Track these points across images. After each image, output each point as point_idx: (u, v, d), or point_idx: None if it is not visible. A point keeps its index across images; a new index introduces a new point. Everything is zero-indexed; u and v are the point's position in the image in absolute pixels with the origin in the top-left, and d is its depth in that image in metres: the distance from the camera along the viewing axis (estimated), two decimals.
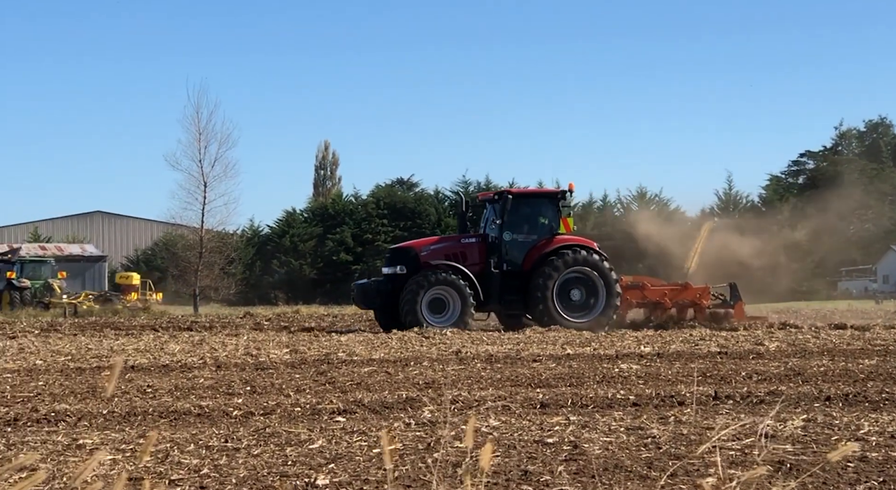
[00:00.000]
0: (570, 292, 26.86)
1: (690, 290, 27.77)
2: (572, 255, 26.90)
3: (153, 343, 21.16)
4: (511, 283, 27.15)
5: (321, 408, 10.82)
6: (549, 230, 27.63)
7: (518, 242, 27.58)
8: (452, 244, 28.02)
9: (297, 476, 7.17)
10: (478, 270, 27.04)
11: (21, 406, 11.11)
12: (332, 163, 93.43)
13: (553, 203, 27.87)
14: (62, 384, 13.33)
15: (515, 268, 27.29)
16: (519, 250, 27.51)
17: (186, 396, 12.03)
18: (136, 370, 15.27)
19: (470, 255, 27.43)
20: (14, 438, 8.87)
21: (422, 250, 27.42)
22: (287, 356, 17.54)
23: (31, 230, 74.06)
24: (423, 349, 18.86)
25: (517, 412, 10.39)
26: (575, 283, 26.94)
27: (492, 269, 27.05)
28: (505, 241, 27.38)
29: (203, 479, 7.08)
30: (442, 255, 27.24)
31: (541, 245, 27.33)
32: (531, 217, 28.00)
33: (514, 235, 27.55)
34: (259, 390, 12.61)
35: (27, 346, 20.65)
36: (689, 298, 27.62)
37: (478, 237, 27.95)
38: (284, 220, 75.44)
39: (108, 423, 9.92)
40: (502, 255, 27.30)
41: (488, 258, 27.20)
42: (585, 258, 26.97)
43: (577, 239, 28.19)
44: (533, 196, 28.91)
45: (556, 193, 28.19)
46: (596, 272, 26.89)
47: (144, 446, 3.70)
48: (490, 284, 26.96)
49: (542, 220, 27.85)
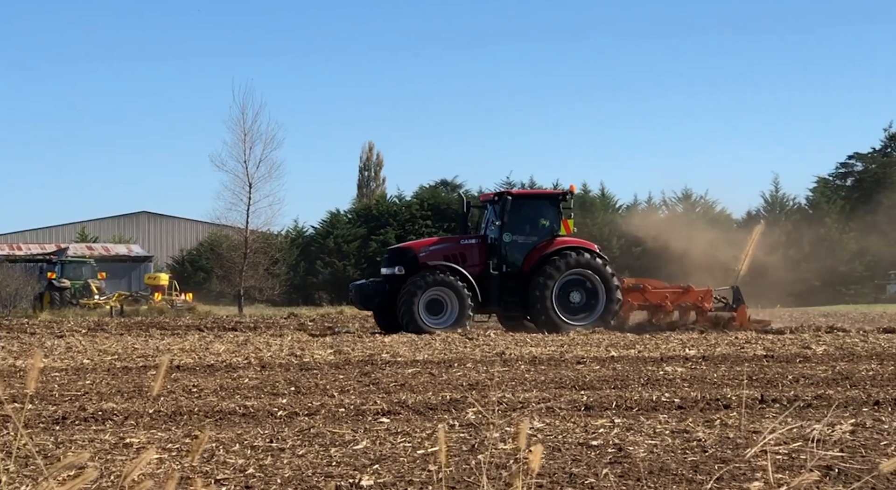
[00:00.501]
0: (570, 294, 26.63)
1: (692, 293, 27.53)
2: (572, 258, 26.67)
3: (198, 343, 21.29)
4: (511, 284, 26.89)
5: (365, 408, 10.83)
6: (549, 232, 27.35)
7: (518, 244, 27.29)
8: (452, 245, 27.77)
9: (342, 477, 7.18)
10: (477, 272, 26.80)
11: (69, 404, 11.21)
12: (377, 164, 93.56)
13: (554, 204, 27.64)
14: (109, 383, 13.44)
15: (515, 269, 27.03)
16: (519, 252, 27.23)
17: (231, 396, 12.09)
18: (181, 370, 15.37)
19: (470, 257, 27.19)
20: (62, 437, 8.95)
21: (420, 251, 27.24)
22: (331, 357, 17.59)
23: (78, 230, 74.74)
24: (467, 351, 18.85)
25: (561, 414, 10.36)
26: (575, 285, 26.70)
27: (491, 271, 26.80)
28: (505, 242, 27.10)
29: (248, 479, 7.11)
30: (441, 257, 26.98)
31: (541, 247, 27.06)
32: (531, 218, 27.71)
33: (514, 237, 27.25)
34: (303, 391, 12.65)
35: (75, 344, 20.85)
36: (691, 301, 27.40)
37: (478, 238, 27.69)
38: (328, 221, 75.62)
39: (154, 423, 9.99)
40: (502, 256, 27.05)
41: (488, 259, 26.97)
42: (586, 260, 26.73)
43: (578, 241, 27.92)
44: (533, 197, 28.74)
45: (557, 195, 28.00)
46: (596, 274, 26.65)
47: (195, 446, 3.72)
48: (489, 286, 26.72)
49: (543, 221, 27.57)
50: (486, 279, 26.77)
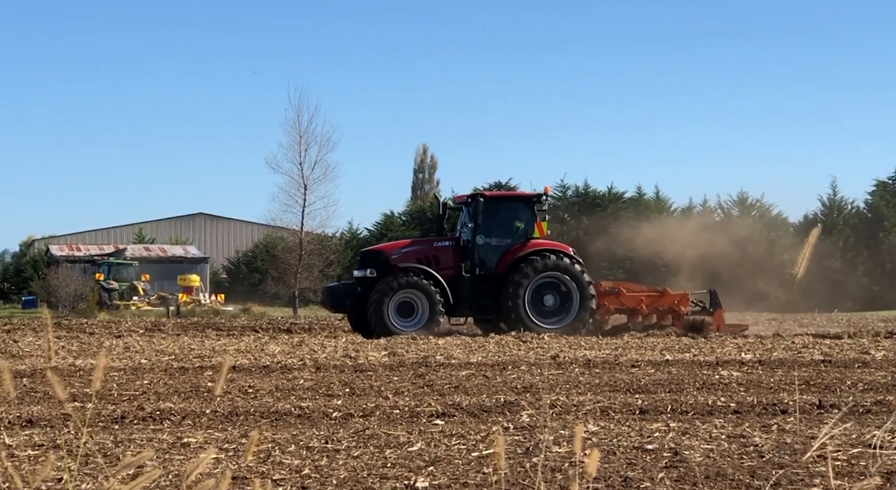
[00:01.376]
0: (544, 298, 26.34)
1: (668, 297, 27.36)
2: (545, 261, 26.37)
3: (253, 344, 21.45)
4: (484, 287, 26.60)
5: (420, 410, 10.86)
6: (523, 234, 27.04)
7: (491, 246, 26.98)
8: (425, 247, 27.51)
9: (397, 478, 7.20)
10: (451, 274, 26.54)
11: (127, 404, 11.34)
12: (431, 166, 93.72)
13: (528, 207, 27.33)
14: (166, 383, 13.58)
15: (489, 272, 26.75)
16: (492, 254, 26.94)
17: (287, 397, 12.17)
18: (237, 371, 15.49)
19: (443, 259, 26.93)
20: (121, 436, 9.05)
21: (392, 253, 27.05)
22: (385, 358, 17.64)
23: (136, 231, 75.57)
24: (521, 353, 18.84)
25: (616, 418, 10.32)
26: (548, 288, 26.40)
27: (463, 273, 26.54)
28: (478, 244, 26.81)
29: (304, 480, 7.16)
30: (413, 259, 26.75)
31: (514, 249, 26.76)
32: (505, 221, 27.37)
33: (487, 239, 26.92)
34: (358, 392, 12.70)
35: (132, 344, 21.09)
36: (667, 305, 27.17)
37: (452, 241, 27.44)
38: (383, 223, 75.83)
39: (211, 423, 10.07)
40: (475, 259, 26.77)
41: (462, 262, 26.72)
42: (558, 263, 26.42)
43: (552, 243, 27.69)
44: (507, 199, 28.41)
45: (531, 197, 27.68)
46: (569, 277, 26.33)
47: (249, 446, 3.75)
48: (462, 289, 26.43)
49: (517, 223, 27.26)
50: (459, 282, 26.47)
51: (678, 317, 26.83)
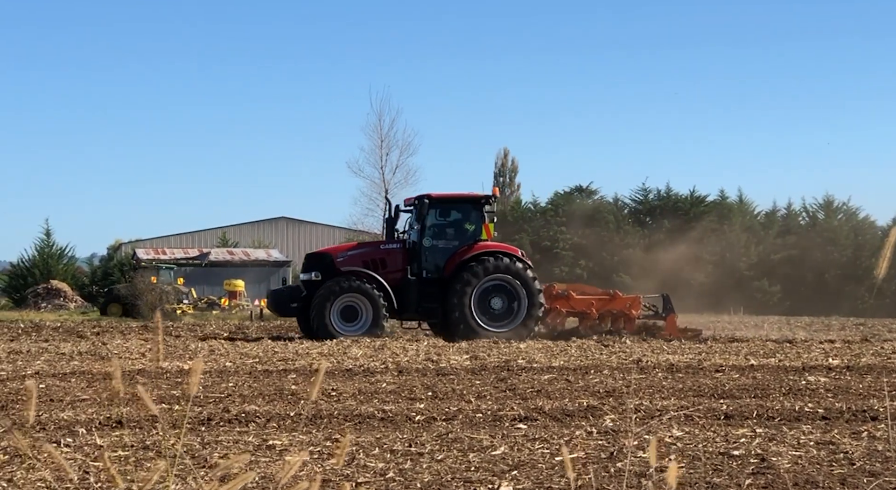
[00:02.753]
0: (491, 301, 25.84)
1: (619, 300, 26.95)
2: (493, 263, 25.87)
3: (336, 347, 21.58)
4: (430, 290, 26.07)
5: (502, 414, 10.85)
6: (471, 236, 26.57)
7: (439, 249, 26.51)
8: (371, 250, 27.08)
9: (481, 482, 7.20)
10: (399, 278, 26.11)
11: (213, 406, 11.48)
12: (511, 170, 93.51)
13: (476, 208, 26.79)
14: (251, 386, 13.72)
15: (436, 275, 26.27)
16: (440, 257, 26.46)
17: (370, 400, 12.23)
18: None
19: (391, 262, 26.46)
20: (208, 438, 9.17)
21: (338, 256, 26.56)
22: (467, 362, 17.65)
23: (220, 235, 76.56)
24: (603, 357, 18.73)
25: (701, 423, 10.21)
26: (495, 291, 25.90)
27: (409, 276, 26.09)
28: (424, 247, 26.39)
29: (389, 483, 7.18)
30: (359, 262, 26.31)
31: (461, 251, 26.27)
32: (452, 223, 26.94)
33: (434, 241, 26.48)
34: (440, 396, 12.72)
35: (217, 347, 21.34)
36: (618, 308, 26.77)
37: (399, 243, 26.89)
38: None
39: (295, 425, 10.15)
40: (421, 261, 26.33)
41: (409, 265, 26.30)
42: (507, 265, 25.93)
43: (500, 246, 27.13)
44: (454, 201, 27.36)
45: (480, 198, 27.12)
46: (518, 280, 25.85)
47: (339, 450, 3.78)
48: (408, 292, 25.96)
49: (466, 225, 26.79)
50: (405, 285, 26.02)
51: (629, 321, 26.51)
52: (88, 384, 14.01)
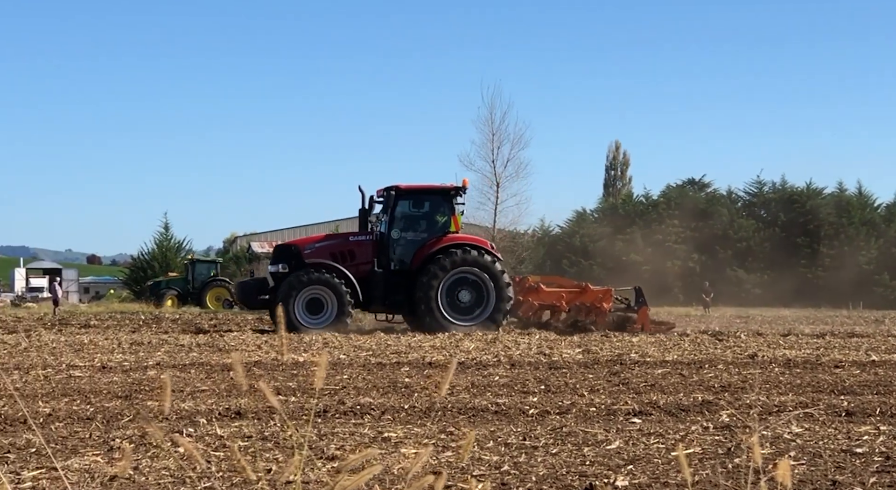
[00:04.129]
0: (459, 294, 25.51)
1: (590, 293, 26.53)
2: (460, 255, 25.49)
3: (448, 340, 21.68)
4: (398, 283, 25.80)
5: (616, 408, 10.78)
6: (441, 229, 26.20)
7: (407, 241, 26.22)
8: (340, 242, 26.76)
9: (596, 476, 7.16)
10: (367, 270, 25.83)
11: (328, 398, 11.61)
12: (623, 163, 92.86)
13: (446, 200, 26.39)
14: (365, 378, 13.85)
15: (405, 267, 25.98)
16: (408, 249, 26.16)
17: (483, 393, 12.25)
18: (433, 367, 15.69)
19: (360, 254, 26.17)
20: (325, 429, 9.28)
21: (305, 248, 26.32)
22: (579, 356, 17.59)
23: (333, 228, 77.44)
24: (718, 352, 18.49)
25: (821, 419, 10.01)
26: (463, 284, 25.57)
27: (375, 269, 25.80)
28: (392, 239, 26.09)
29: (504, 476, 7.19)
30: (327, 254, 26.04)
31: (430, 244, 25.90)
32: (421, 214, 26.52)
33: (402, 233, 26.18)
34: (553, 389, 12.69)
35: (331, 340, 21.60)
36: (589, 301, 26.41)
37: (368, 235, 26.56)
38: (575, 220, 75.61)
39: (409, 418, 10.22)
40: (389, 253, 26.03)
41: (378, 257, 26.02)
42: (475, 258, 25.54)
43: (469, 238, 26.79)
44: (423, 192, 26.87)
45: (449, 190, 26.55)
46: (486, 273, 25.47)
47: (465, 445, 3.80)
48: (374, 285, 25.66)
49: (435, 218, 26.40)
50: (373, 277, 25.74)
51: (600, 313, 26.22)
52: (207, 375, 14.30)
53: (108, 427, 9.48)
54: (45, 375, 14.22)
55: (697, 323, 33.02)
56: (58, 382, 13.33)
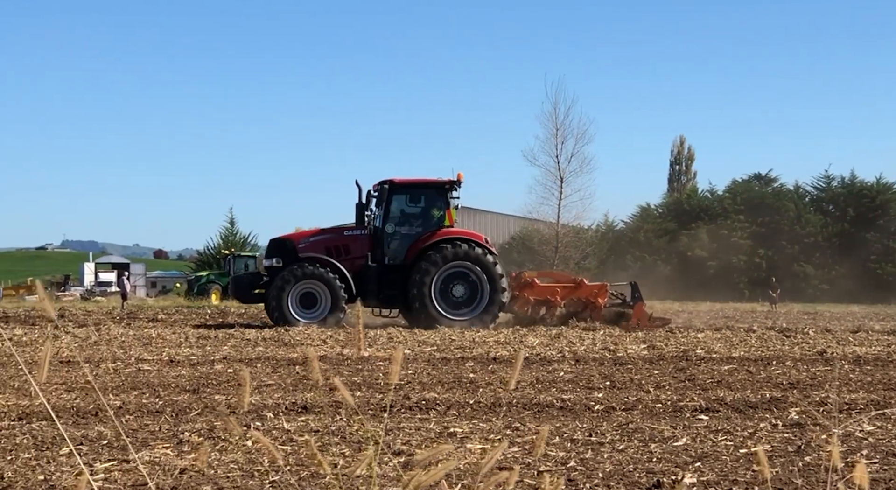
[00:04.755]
0: (453, 288, 25.37)
1: (584, 289, 26.25)
2: (451, 250, 25.32)
3: (512, 336, 21.65)
4: (392, 277, 25.69)
5: (682, 405, 10.70)
6: (435, 223, 26.03)
7: (402, 235, 26.06)
8: (334, 237, 26.54)
9: (664, 473, 7.11)
10: (362, 264, 25.74)
11: (394, 393, 11.65)
12: (687, 158, 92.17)
13: (440, 194, 26.19)
14: (430, 373, 13.87)
15: (399, 262, 25.86)
16: (402, 244, 26.02)
17: (548, 389, 12.22)
18: (497, 362, 15.68)
19: (354, 248, 26.07)
20: (390, 424, 9.31)
21: (299, 242, 26.22)
22: (644, 352, 17.48)
23: None
24: (785, 348, 18.28)
25: (894, 418, 9.85)
26: (457, 278, 25.42)
27: (369, 263, 25.68)
28: (387, 233, 25.96)
29: (570, 472, 7.16)
30: (322, 248, 25.94)
31: (423, 238, 25.76)
32: (416, 209, 26.37)
33: (396, 228, 26.04)
34: (618, 385, 12.63)
35: (395, 335, 21.66)
36: (583, 296, 26.16)
37: (363, 229, 26.35)
38: (639, 216, 75.17)
39: (475, 413, 10.22)
40: (384, 248, 25.91)
41: (372, 252, 25.89)
42: (467, 252, 25.35)
43: (463, 232, 26.54)
44: (416, 186, 26.69)
45: (444, 184, 26.32)
46: (479, 267, 25.27)
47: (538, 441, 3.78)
48: (368, 279, 25.56)
49: (428, 211, 26.23)
50: (367, 272, 25.66)
51: (596, 309, 26.01)
52: (273, 370, 14.40)
53: (176, 420, 9.59)
54: (114, 369, 14.42)
55: (764, 319, 32.67)
56: (127, 376, 13.51)
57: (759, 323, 28.68)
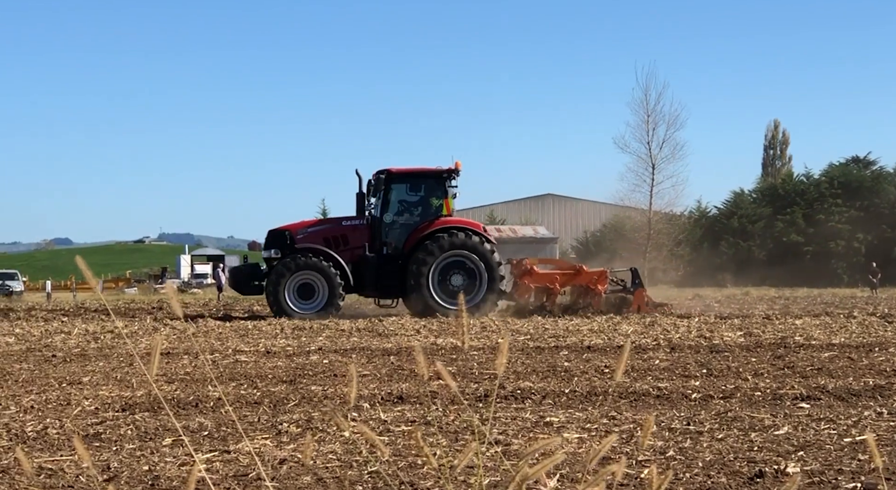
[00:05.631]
0: (451, 277, 25.23)
1: (584, 275, 26.01)
2: (447, 240, 25.14)
3: (605, 324, 21.52)
4: (390, 267, 25.54)
5: (782, 393, 10.52)
6: (434, 212, 25.86)
7: (399, 225, 25.98)
8: (332, 227, 26.45)
9: (765, 462, 7.00)
10: (361, 254, 25.66)
11: (489, 383, 11.65)
12: (782, 142, 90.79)
13: (438, 183, 25.98)
14: (524, 363, 13.84)
15: (397, 251, 25.74)
16: (400, 233, 25.92)
17: (643, 377, 12.11)
18: (591, 350, 15.59)
19: (353, 239, 25.97)
20: (486, 414, 9.30)
21: (297, 233, 26.10)
22: (741, 339, 17.24)
23: (487, 213, 77.72)
24: (888, 334, 17.90)
25: None
26: (455, 267, 25.29)
27: (367, 253, 25.57)
28: (385, 223, 25.86)
29: (669, 461, 7.08)
30: (319, 239, 25.85)
31: (421, 228, 25.61)
32: (413, 198, 26.24)
33: (394, 217, 25.96)
34: (715, 373, 12.46)
35: (489, 324, 21.66)
36: (583, 283, 25.99)
37: (362, 219, 26.21)
38: (732, 201, 74.20)
39: (570, 402, 10.17)
40: (382, 237, 25.82)
41: (370, 241, 25.79)
42: (464, 241, 25.14)
43: (460, 221, 26.28)
44: (414, 176, 26.49)
45: (441, 173, 26.07)
46: (476, 255, 25.07)
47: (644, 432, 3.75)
48: (367, 269, 25.47)
49: (427, 201, 26.08)
50: (364, 262, 25.56)
51: (595, 295, 25.83)
52: (368, 360, 14.49)
53: (274, 411, 9.69)
54: (212, 360, 14.64)
55: (864, 305, 32.03)
56: (225, 367, 13.70)
57: (860, 309, 28.15)
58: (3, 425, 8.99)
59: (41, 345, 17.93)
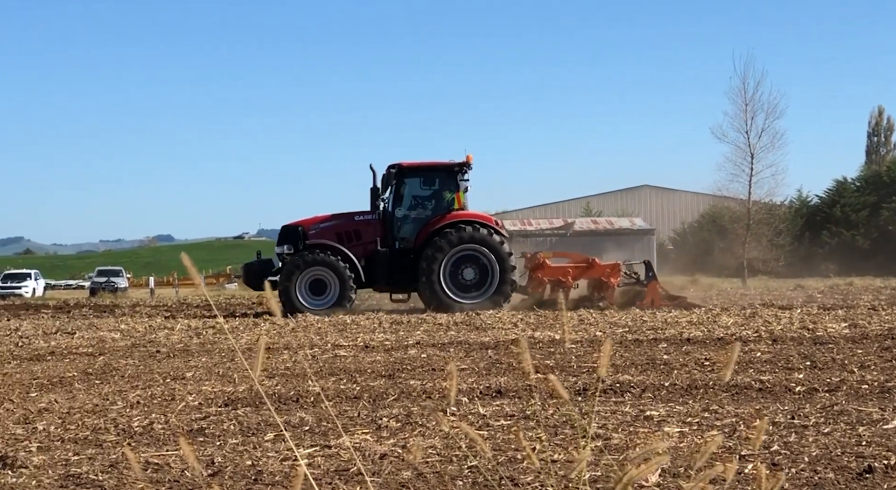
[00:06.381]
0: (463, 271, 25.09)
1: (597, 268, 25.73)
2: (456, 234, 24.97)
3: (705, 316, 21.26)
4: (402, 262, 25.45)
5: (890, 386, 10.28)
6: (446, 206, 25.72)
7: (411, 219, 25.86)
8: (345, 222, 26.26)
9: (874, 457, 6.84)
10: (373, 249, 25.58)
11: (587, 376, 11.58)
12: (887, 129, 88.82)
13: (450, 177, 25.84)
14: (622, 355, 13.73)
15: (409, 246, 25.65)
16: (412, 227, 25.79)
17: (745, 370, 11.94)
18: (691, 343, 15.41)
19: (365, 234, 25.90)
20: (585, 408, 9.25)
21: (310, 229, 26.04)
22: (846, 330, 16.90)
23: (583, 205, 77.29)
24: None
25: None
26: (467, 261, 25.14)
27: (379, 248, 25.45)
28: (397, 217, 25.77)
29: (773, 456, 6.97)
30: (332, 234, 25.78)
31: (432, 222, 25.45)
32: (426, 192, 26.05)
33: (407, 211, 25.85)
34: (819, 365, 12.23)
35: (586, 317, 21.54)
36: (596, 276, 25.78)
37: (374, 214, 26.04)
38: (835, 190, 72.78)
39: (670, 396, 10.06)
40: (394, 232, 25.73)
41: (383, 236, 25.67)
42: (473, 235, 24.97)
43: (473, 214, 25.91)
44: (425, 169, 26.24)
45: (453, 166, 25.87)
46: (487, 249, 24.91)
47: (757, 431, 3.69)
48: (378, 263, 25.41)
49: (439, 195, 25.90)
50: (377, 257, 25.54)
51: (608, 288, 25.57)
52: (466, 354, 14.51)
53: (374, 406, 9.75)
54: (312, 355, 14.77)
55: None
56: (324, 362, 13.81)
57: None
58: (112, 421, 9.18)
59: (145, 340, 18.28)
